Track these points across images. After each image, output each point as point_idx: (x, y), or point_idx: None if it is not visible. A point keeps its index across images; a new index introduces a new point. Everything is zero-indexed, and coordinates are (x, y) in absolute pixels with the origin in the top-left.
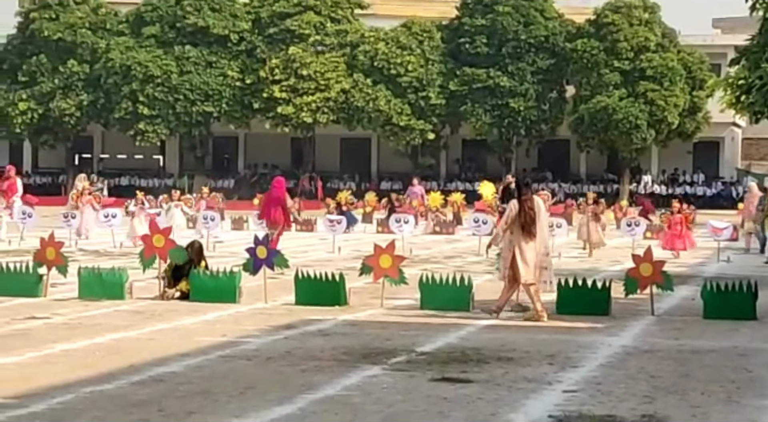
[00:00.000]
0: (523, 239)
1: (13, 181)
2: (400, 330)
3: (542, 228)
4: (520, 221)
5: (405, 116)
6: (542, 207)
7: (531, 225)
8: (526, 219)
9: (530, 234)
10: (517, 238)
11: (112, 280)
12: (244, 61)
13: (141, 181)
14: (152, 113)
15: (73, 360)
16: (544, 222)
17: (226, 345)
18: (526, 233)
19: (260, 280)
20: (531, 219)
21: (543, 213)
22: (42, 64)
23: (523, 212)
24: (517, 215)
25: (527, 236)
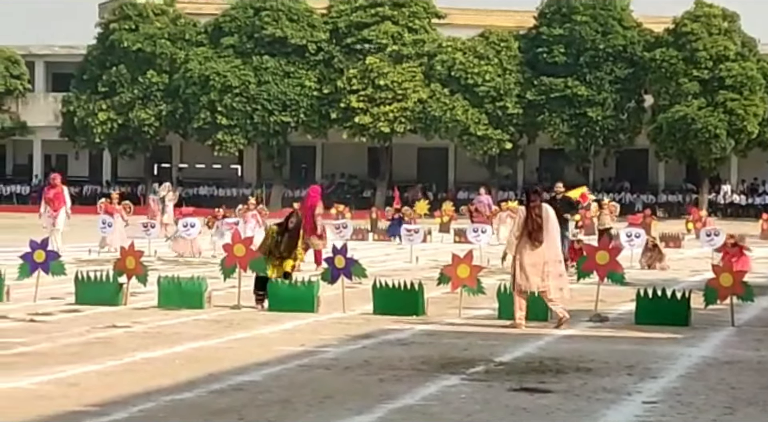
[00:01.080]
0: (529, 246)
1: (60, 190)
2: (478, 339)
3: (552, 236)
4: (527, 228)
5: (482, 126)
6: (552, 214)
7: (537, 233)
8: (532, 227)
9: (536, 242)
10: (522, 245)
11: (191, 289)
12: (321, 71)
13: (219, 190)
14: (230, 123)
15: (154, 369)
16: (553, 230)
17: (305, 354)
18: (532, 240)
19: (338, 290)
20: (538, 226)
21: (552, 220)
22: (121, 75)
23: (530, 219)
24: (524, 222)
25: (533, 243)
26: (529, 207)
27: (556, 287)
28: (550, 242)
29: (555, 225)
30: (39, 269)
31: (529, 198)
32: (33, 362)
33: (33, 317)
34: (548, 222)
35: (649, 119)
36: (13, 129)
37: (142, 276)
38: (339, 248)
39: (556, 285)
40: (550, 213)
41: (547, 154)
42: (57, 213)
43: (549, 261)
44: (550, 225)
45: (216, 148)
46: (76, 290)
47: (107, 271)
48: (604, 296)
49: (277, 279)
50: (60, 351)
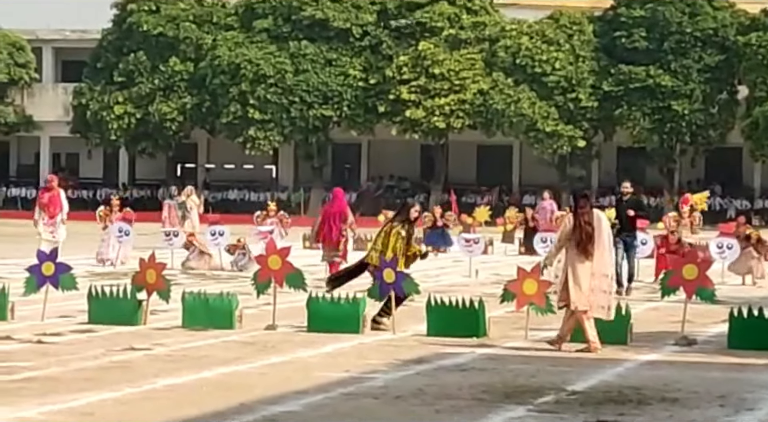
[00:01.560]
0: (578, 258)
1: (57, 194)
2: (547, 365)
3: (603, 247)
4: (575, 238)
5: (551, 121)
6: (604, 222)
7: (587, 243)
8: (582, 236)
9: (586, 253)
10: (571, 257)
11: (220, 307)
12: (367, 59)
13: (251, 194)
14: (264, 117)
15: (177, 397)
16: (605, 240)
17: (349, 381)
18: (581, 251)
19: None
20: (588, 235)
21: (604, 228)
22: (140, 63)
23: (579, 228)
24: (572, 231)
25: (582, 255)
26: (578, 214)
27: (598, 305)
28: (600, 253)
29: (607, 235)
30: (47, 283)
31: (578, 203)
32: (42, 389)
33: (41, 338)
34: (599, 230)
35: (744, 113)
36: (18, 124)
37: (165, 291)
38: (388, 261)
39: (599, 303)
40: (602, 220)
41: (626, 153)
42: (54, 221)
43: (596, 274)
44: (602, 234)
45: (247, 146)
46: (89, 307)
47: (124, 286)
48: (692, 316)
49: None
50: (72, 376)
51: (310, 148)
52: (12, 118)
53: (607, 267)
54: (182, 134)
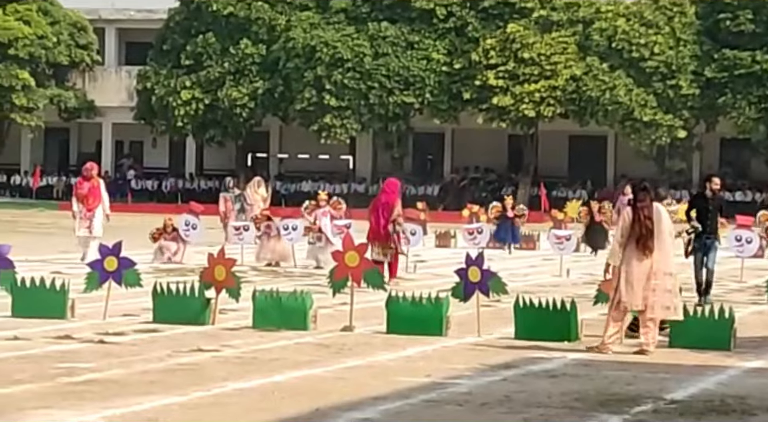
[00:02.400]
0: (636, 255)
1: (96, 184)
2: (644, 372)
3: (664, 243)
4: (634, 233)
5: (649, 109)
6: (665, 217)
7: (647, 239)
8: (641, 231)
9: (646, 250)
10: (628, 254)
11: (293, 306)
12: (452, 42)
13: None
14: (340, 104)
15: (247, 402)
16: (666, 236)
17: (432, 387)
18: (640, 248)
19: (472, 309)
20: (648, 230)
21: (665, 224)
22: (209, 45)
23: (638, 222)
24: (631, 226)
25: (641, 252)
26: (637, 207)
27: (662, 305)
28: (661, 250)
29: (668, 230)
30: (110, 279)
31: (637, 196)
32: (104, 392)
33: (103, 337)
34: (660, 225)
35: None
36: (79, 110)
37: (234, 289)
38: (473, 258)
39: (663, 303)
40: (662, 215)
41: (730, 145)
42: (91, 214)
43: (657, 273)
44: (663, 230)
45: (323, 135)
46: (154, 306)
47: (192, 283)
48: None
49: None
50: (135, 378)
51: (390, 136)
52: (73, 103)
53: (669, 265)
54: (253, 121)
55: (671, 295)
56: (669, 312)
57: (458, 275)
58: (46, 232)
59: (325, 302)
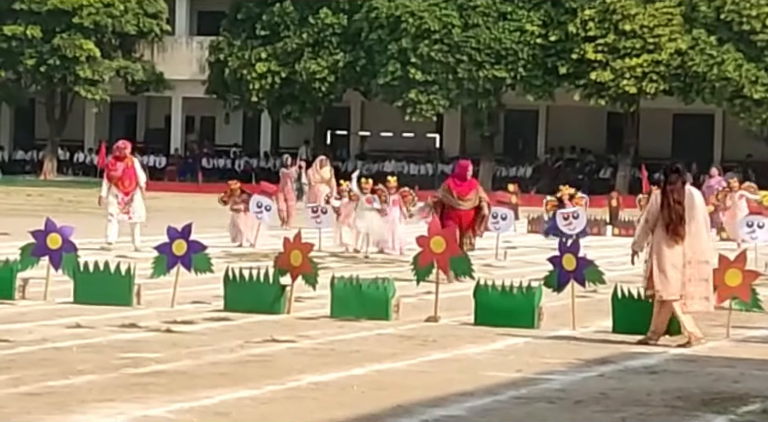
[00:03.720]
0: (666, 242)
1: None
2: (753, 369)
3: (699, 229)
4: (663, 218)
5: (761, 86)
6: (698, 200)
7: (677, 225)
8: (671, 216)
9: (676, 236)
10: (658, 240)
11: (374, 295)
12: (547, 12)
13: (410, 166)
14: (427, 79)
15: (325, 397)
16: (701, 221)
17: (522, 382)
18: (671, 234)
19: (567, 299)
20: (678, 216)
21: (699, 208)
22: (287, 14)
23: (668, 207)
24: (660, 210)
25: (672, 238)
26: (666, 191)
27: (700, 296)
28: (694, 236)
29: (702, 215)
30: (179, 264)
31: (668, 179)
32: (171, 384)
33: (170, 326)
34: (693, 210)
35: None
36: (147, 83)
37: (311, 276)
38: (569, 245)
39: (700, 294)
40: (695, 199)
41: None
42: (129, 198)
43: (693, 261)
44: (696, 215)
45: (408, 111)
46: (226, 293)
47: (266, 269)
48: None
49: None
50: (205, 370)
51: (480, 114)
52: (140, 76)
53: (705, 253)
54: (333, 96)
55: (708, 285)
56: (706, 303)
57: (552, 263)
58: None
59: (408, 291)
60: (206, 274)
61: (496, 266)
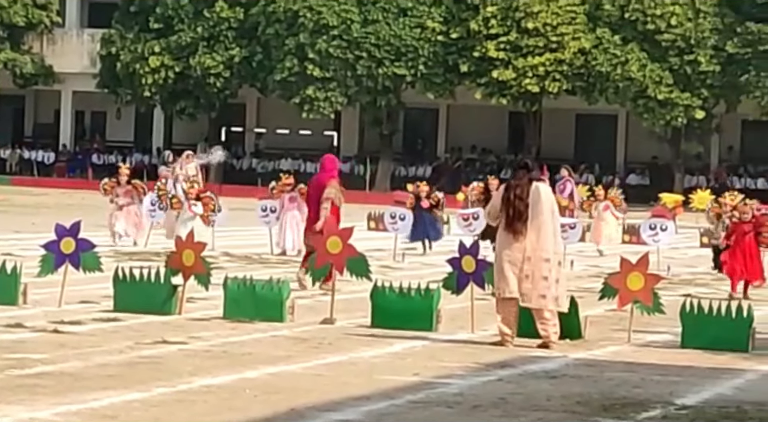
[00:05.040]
0: (506, 238)
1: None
2: (653, 374)
3: (543, 225)
4: (504, 215)
5: (665, 87)
6: (544, 196)
7: (516, 221)
8: (512, 213)
9: (516, 233)
10: (499, 237)
11: (268, 296)
12: (449, 9)
13: (307, 164)
14: (325, 75)
15: (216, 400)
16: (546, 217)
17: (419, 386)
18: (510, 231)
19: (466, 302)
20: (518, 212)
21: (545, 204)
22: (181, 7)
23: (509, 202)
24: (502, 206)
25: (512, 234)
26: (510, 186)
27: (538, 293)
28: (537, 233)
29: (548, 211)
30: (67, 263)
31: (515, 175)
32: (58, 386)
33: (57, 326)
34: (538, 206)
35: None
36: (36, 76)
37: (204, 276)
38: (468, 246)
39: (539, 291)
40: (542, 195)
41: (752, 128)
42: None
43: (533, 258)
44: (541, 211)
45: (305, 109)
46: (116, 292)
47: (157, 269)
48: None
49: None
50: (93, 372)
51: (379, 112)
52: (29, 69)
53: (547, 251)
54: (228, 92)
55: (550, 283)
56: (545, 302)
57: (451, 265)
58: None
59: (303, 292)
60: (95, 273)
61: (394, 267)
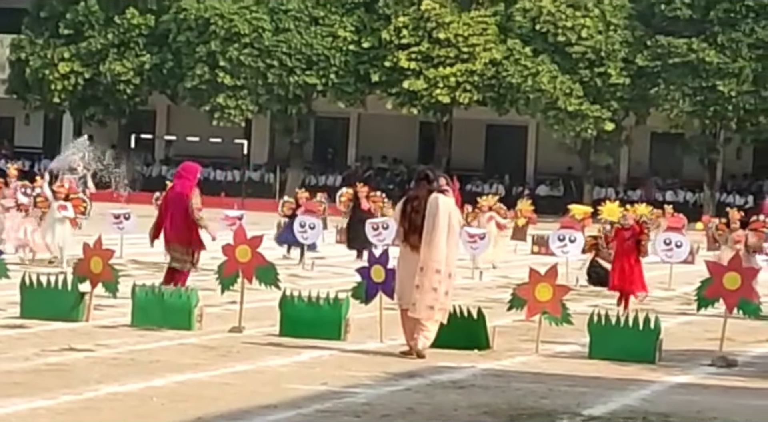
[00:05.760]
0: (404, 250)
1: None
2: (561, 385)
3: (437, 238)
4: (402, 226)
5: (575, 99)
6: (442, 208)
7: (412, 233)
8: (408, 225)
9: (411, 244)
10: (400, 249)
11: (176, 304)
12: (361, 18)
13: (217, 172)
14: (236, 83)
15: (123, 408)
16: (442, 229)
17: (327, 396)
18: (408, 243)
19: (375, 311)
20: (415, 225)
21: (442, 216)
22: (92, 13)
23: (405, 214)
24: (401, 218)
25: (410, 247)
26: (408, 198)
27: (425, 305)
28: (432, 245)
29: (445, 223)
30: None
31: (416, 185)
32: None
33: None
34: (434, 218)
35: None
36: None
37: (112, 283)
38: (377, 256)
39: (425, 302)
40: (440, 207)
41: (661, 140)
42: None
43: (425, 269)
44: (438, 223)
45: (215, 116)
46: (22, 299)
47: (64, 276)
48: (733, 333)
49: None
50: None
51: (289, 120)
52: None
53: (439, 262)
54: (138, 99)
55: (437, 295)
56: (432, 313)
57: (360, 274)
58: None
59: (212, 300)
60: (2, 280)
61: (303, 276)
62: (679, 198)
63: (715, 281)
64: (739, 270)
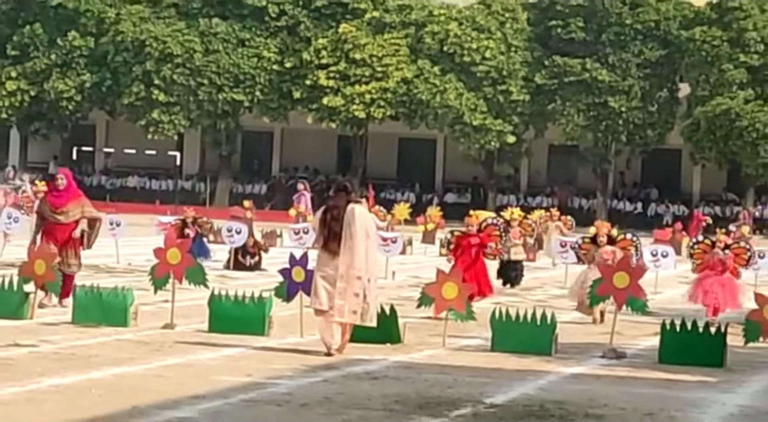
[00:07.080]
0: (322, 256)
1: None
2: (465, 375)
3: (356, 244)
4: (321, 234)
5: (479, 114)
6: (359, 217)
7: (333, 241)
8: (327, 233)
9: (332, 252)
10: (318, 255)
11: (113, 303)
12: (284, 40)
13: (152, 182)
14: (169, 100)
15: (64, 399)
16: (360, 237)
17: (251, 386)
18: (327, 250)
19: (295, 309)
20: (333, 232)
21: (359, 224)
22: (36, 35)
23: (324, 223)
24: (320, 226)
25: (329, 254)
26: (327, 208)
27: (349, 309)
28: (351, 252)
29: (362, 232)
30: None
31: (335, 196)
32: None
33: None
34: (352, 227)
35: (684, 113)
36: None
37: (54, 284)
38: (298, 258)
39: (351, 307)
40: (356, 216)
41: (558, 152)
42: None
43: (345, 276)
44: (355, 232)
45: (150, 130)
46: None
47: (10, 277)
48: (622, 327)
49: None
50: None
51: (219, 134)
52: None
53: (360, 269)
54: (80, 115)
55: (359, 299)
56: (356, 317)
57: (282, 275)
58: None
59: (146, 299)
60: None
61: (230, 277)
62: (573, 204)
63: (606, 280)
64: (628, 270)
